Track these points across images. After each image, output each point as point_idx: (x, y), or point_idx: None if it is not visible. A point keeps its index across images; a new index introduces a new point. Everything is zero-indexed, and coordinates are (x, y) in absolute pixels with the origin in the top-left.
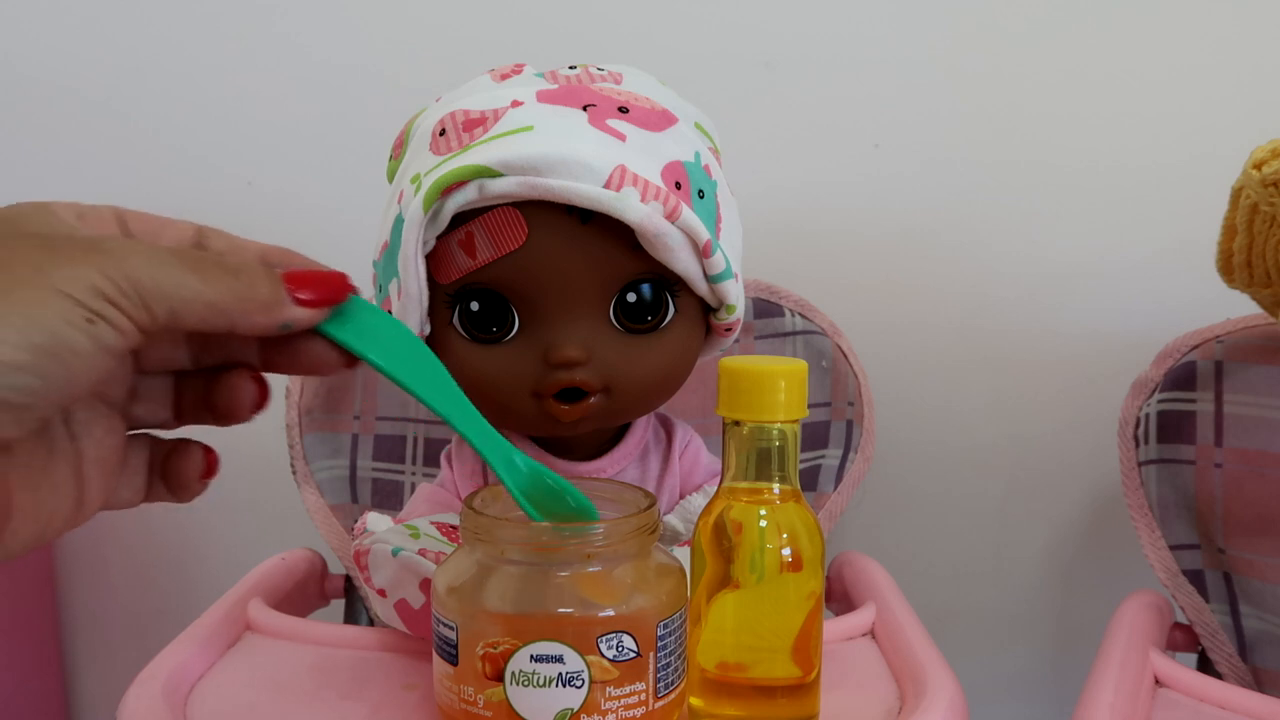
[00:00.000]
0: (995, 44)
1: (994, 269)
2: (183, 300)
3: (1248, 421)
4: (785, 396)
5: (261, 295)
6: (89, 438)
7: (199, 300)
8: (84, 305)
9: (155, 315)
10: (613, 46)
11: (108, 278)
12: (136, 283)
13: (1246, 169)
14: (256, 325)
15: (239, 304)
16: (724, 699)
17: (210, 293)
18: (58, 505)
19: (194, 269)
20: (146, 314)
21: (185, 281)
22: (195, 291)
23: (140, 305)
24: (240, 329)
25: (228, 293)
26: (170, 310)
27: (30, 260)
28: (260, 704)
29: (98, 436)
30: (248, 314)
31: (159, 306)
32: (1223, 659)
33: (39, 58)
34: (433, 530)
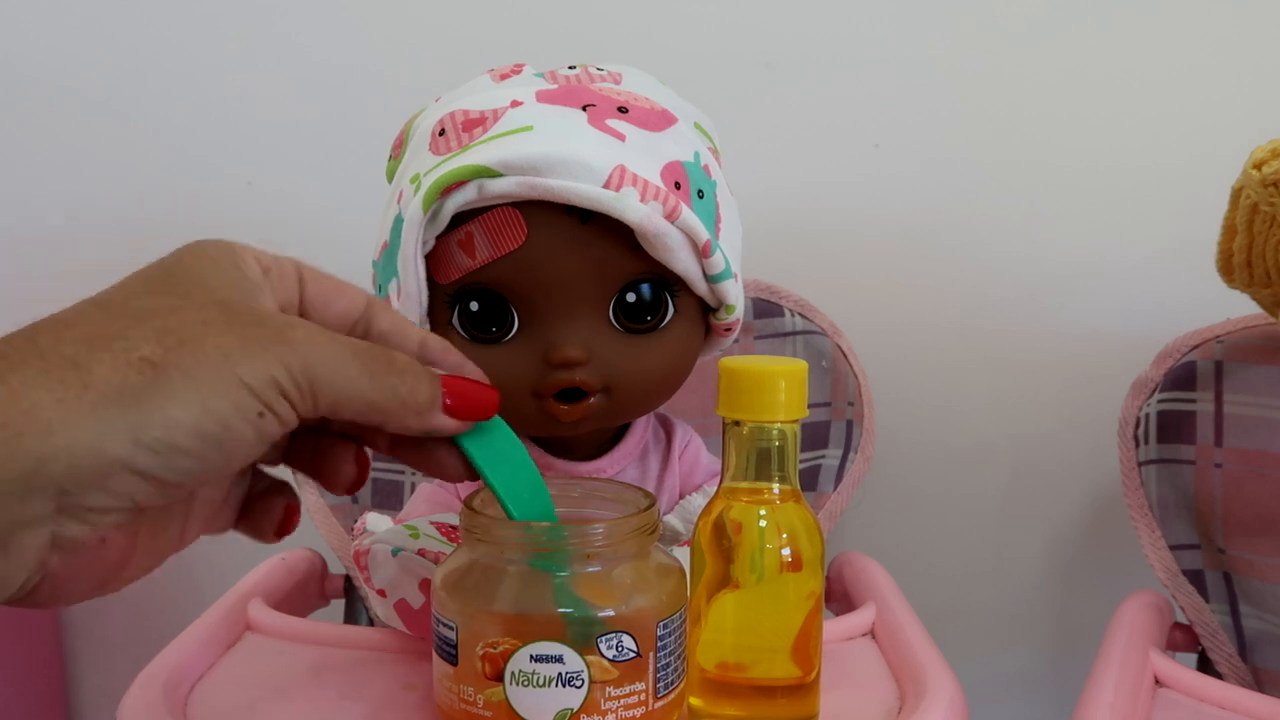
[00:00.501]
0: (995, 44)
1: (994, 269)
2: (348, 397)
3: (1248, 421)
4: (785, 396)
5: (420, 400)
6: (203, 487)
7: (362, 399)
8: (259, 399)
9: (319, 406)
10: (613, 46)
11: (287, 371)
12: (312, 378)
13: (1246, 169)
14: (406, 427)
15: (398, 406)
16: (724, 699)
17: (374, 394)
18: (164, 548)
19: (365, 367)
20: (312, 405)
21: (356, 380)
22: (361, 391)
23: (309, 397)
24: (391, 428)
25: (391, 396)
26: (333, 403)
27: (220, 345)
28: (260, 704)
29: (210, 484)
30: (402, 417)
31: (325, 400)
32: (1223, 659)
33: (39, 58)
34: (433, 530)
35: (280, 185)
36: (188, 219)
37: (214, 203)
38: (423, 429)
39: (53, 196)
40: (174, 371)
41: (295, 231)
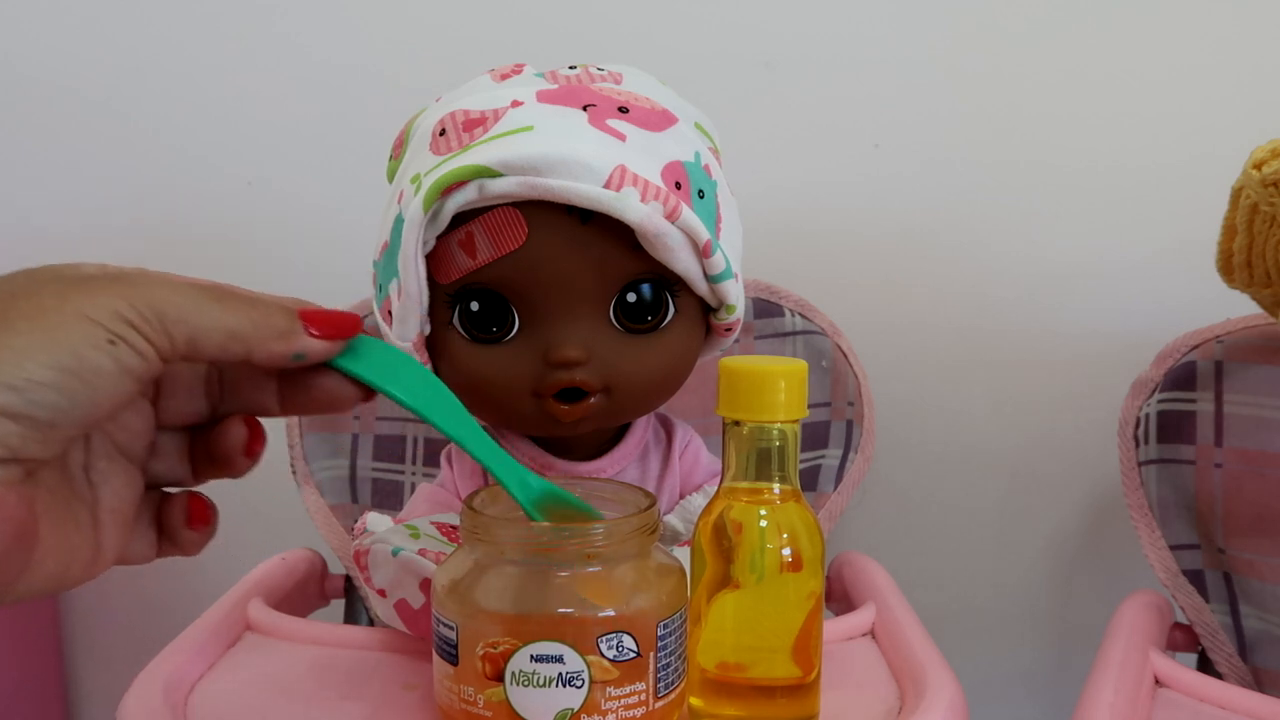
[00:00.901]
0: (995, 44)
1: (994, 269)
2: (202, 327)
3: (1248, 421)
4: (785, 396)
5: (277, 324)
6: (107, 486)
7: (218, 327)
8: (105, 328)
9: (175, 340)
10: (613, 46)
11: (130, 304)
12: (158, 309)
13: (1246, 169)
14: (273, 353)
15: (256, 331)
16: (724, 699)
17: (229, 320)
18: (78, 546)
19: (214, 298)
20: (167, 339)
21: (206, 308)
22: (215, 318)
23: (161, 330)
24: (257, 356)
25: (245, 320)
26: (189, 336)
27: (56, 292)
28: (260, 704)
29: (115, 487)
30: (264, 341)
31: (179, 331)
32: (1223, 659)
33: (39, 58)
34: (433, 530)
35: (280, 185)
36: (188, 219)
37: (214, 203)
38: (289, 351)
39: (53, 196)
40: (14, 316)
41: (295, 231)
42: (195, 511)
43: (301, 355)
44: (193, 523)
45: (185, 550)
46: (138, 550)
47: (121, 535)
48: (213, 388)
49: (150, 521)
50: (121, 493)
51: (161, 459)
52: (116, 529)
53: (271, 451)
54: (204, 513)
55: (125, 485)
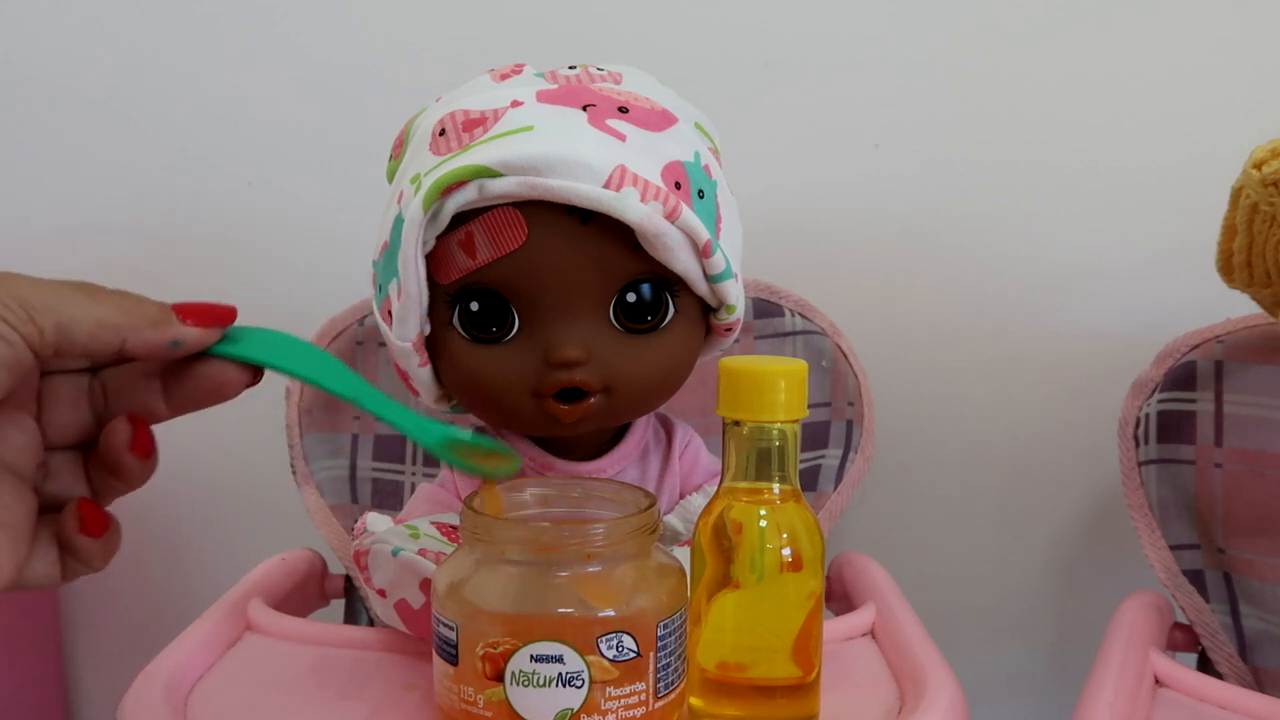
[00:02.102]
0: (995, 44)
1: (994, 269)
2: (71, 317)
3: (1248, 421)
4: (785, 396)
5: (150, 313)
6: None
7: (87, 316)
8: None
9: (43, 330)
10: (613, 46)
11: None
12: (22, 299)
13: (1246, 169)
14: (148, 340)
15: (127, 319)
16: (724, 699)
17: (98, 308)
18: None
19: (81, 290)
20: (34, 328)
21: (72, 298)
22: (83, 307)
23: (26, 319)
24: (132, 344)
25: (115, 308)
26: (58, 325)
27: None
28: (260, 704)
29: (4, 502)
30: (137, 329)
31: (46, 320)
32: (1223, 659)
33: (39, 58)
34: (433, 530)
35: (280, 185)
36: (188, 219)
37: (214, 203)
38: (166, 339)
39: (53, 196)
40: None
41: (295, 231)
42: (87, 517)
43: (178, 342)
44: (85, 528)
45: (89, 563)
46: (40, 570)
47: (14, 552)
48: (96, 398)
49: (51, 541)
50: (12, 508)
51: (57, 479)
52: (9, 545)
53: (271, 451)
54: (97, 518)
55: (15, 501)
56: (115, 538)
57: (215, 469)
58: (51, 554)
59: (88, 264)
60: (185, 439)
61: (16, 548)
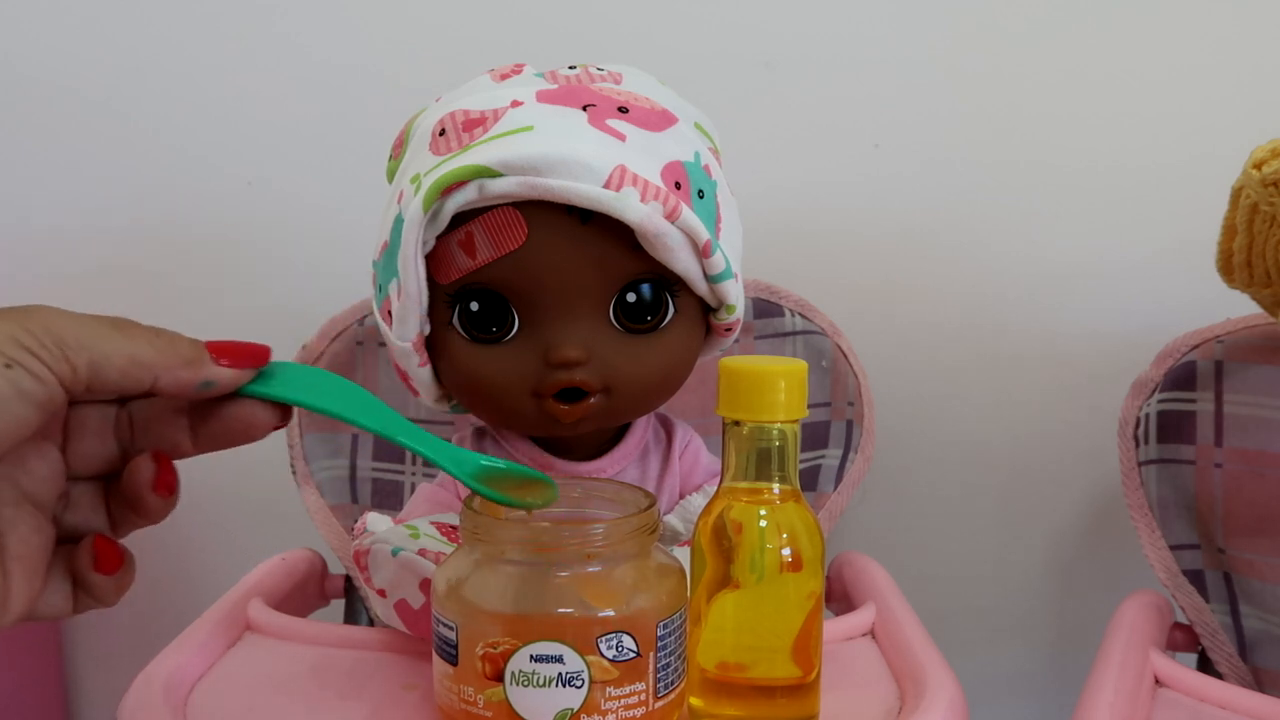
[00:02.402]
0: (995, 44)
1: (994, 269)
2: (104, 353)
3: (1248, 421)
4: (785, 396)
5: (183, 351)
6: (13, 534)
7: (120, 352)
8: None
9: (76, 367)
10: (613, 46)
11: (26, 329)
12: (56, 335)
13: (1246, 169)
14: (180, 380)
15: (160, 357)
16: (724, 699)
17: (131, 346)
18: None
19: (116, 327)
20: (67, 365)
21: (107, 335)
22: (117, 345)
23: (60, 357)
24: (164, 383)
25: (149, 347)
26: (91, 362)
27: None
28: (260, 704)
29: (22, 534)
30: (170, 368)
31: (79, 358)
32: (1223, 659)
33: (39, 58)
34: (433, 530)
35: (280, 185)
36: (188, 219)
37: (214, 203)
38: (197, 379)
39: (53, 196)
40: None
41: (295, 231)
42: (102, 553)
43: (210, 383)
44: (100, 565)
45: (101, 599)
46: (53, 602)
47: (29, 584)
48: (123, 430)
49: (65, 573)
50: (30, 540)
51: (76, 510)
52: (24, 577)
53: (272, 452)
54: (112, 555)
55: (33, 532)
56: (128, 574)
57: (215, 469)
58: (65, 587)
59: (88, 264)
60: None
61: (31, 581)
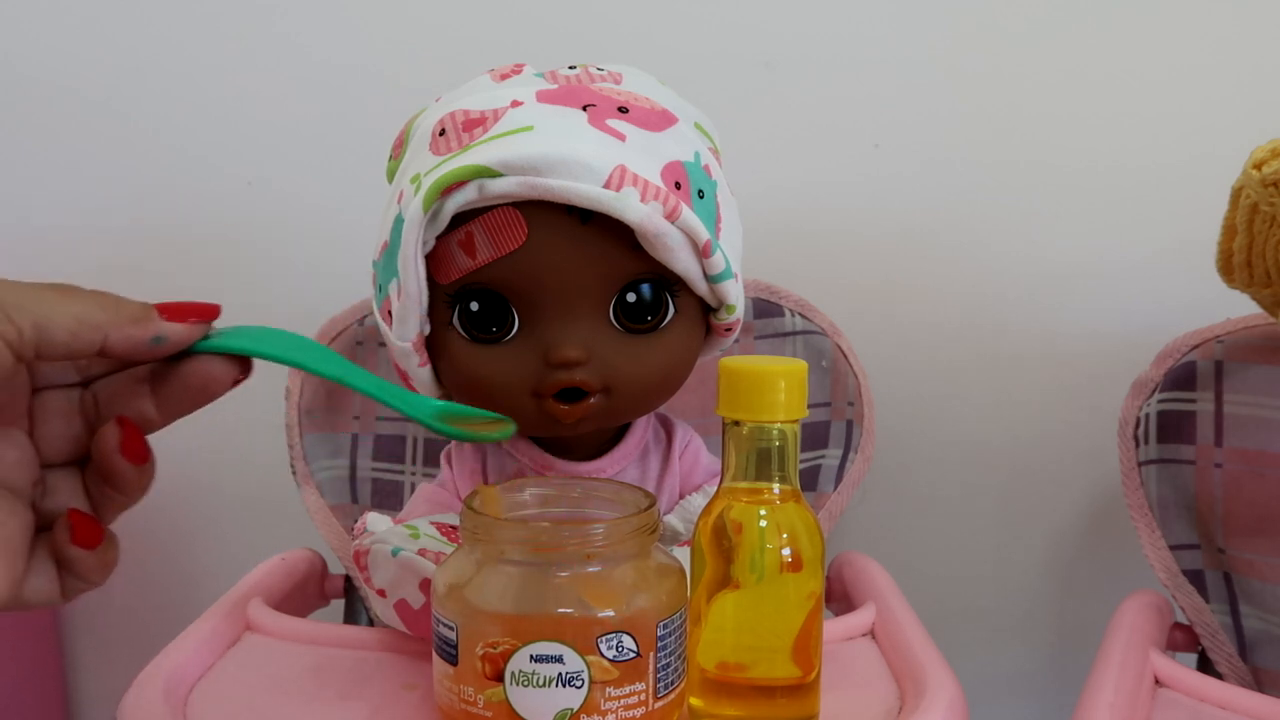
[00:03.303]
0: (995, 44)
1: (994, 269)
2: (47, 315)
3: (1248, 421)
4: (785, 396)
5: (131, 310)
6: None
7: (66, 314)
8: None
9: (21, 329)
10: (613, 46)
11: None
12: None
13: (1246, 169)
14: (130, 337)
15: (108, 315)
16: (724, 699)
17: (77, 306)
18: None
19: (59, 289)
20: (11, 327)
21: (50, 298)
22: (62, 306)
23: (4, 318)
24: (114, 341)
25: (95, 306)
26: (35, 324)
27: None
28: (260, 704)
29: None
30: (119, 325)
31: (23, 319)
32: (1223, 659)
33: (39, 58)
34: (433, 530)
35: (280, 185)
36: (188, 219)
37: (214, 203)
38: (149, 335)
39: (53, 196)
40: None
41: (295, 231)
42: (78, 526)
43: (161, 338)
44: (77, 538)
45: (86, 577)
46: (38, 586)
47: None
48: (88, 409)
49: (49, 557)
50: (6, 523)
51: (55, 496)
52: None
53: (272, 452)
54: (89, 527)
55: (9, 515)
56: (112, 551)
57: (215, 469)
58: (50, 571)
59: (88, 264)
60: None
61: (12, 563)
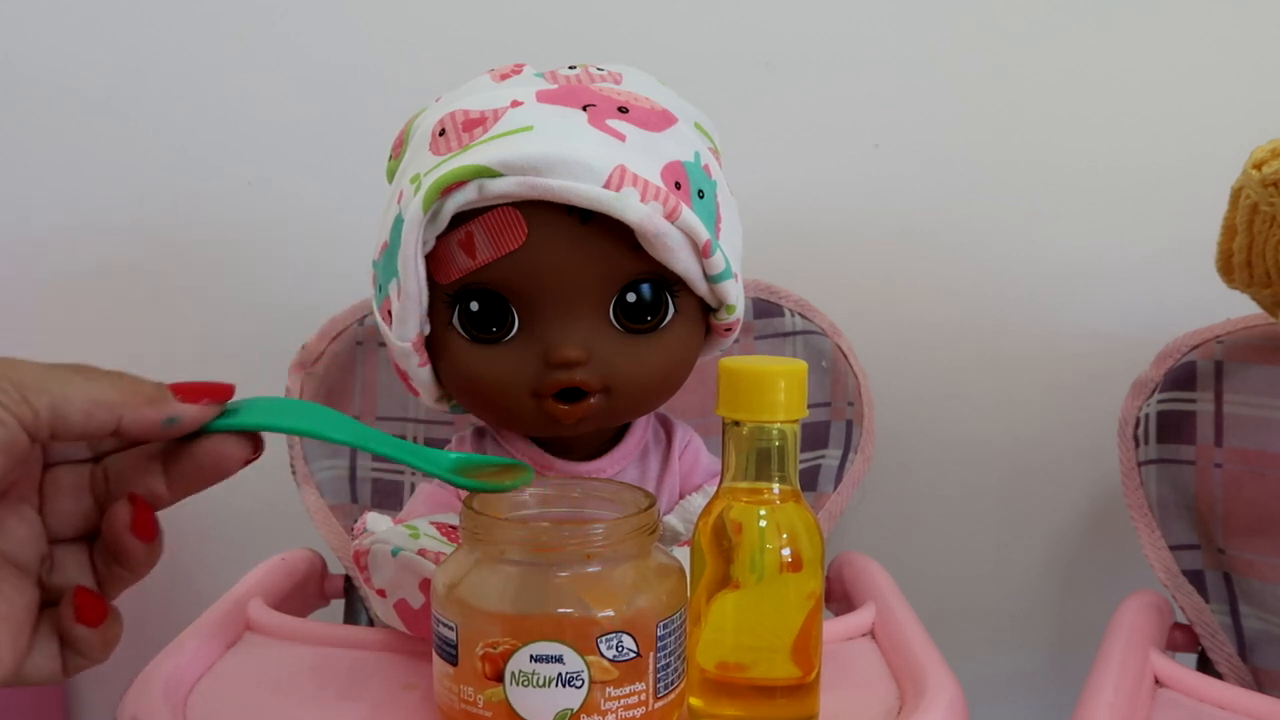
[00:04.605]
0: (995, 44)
1: (994, 269)
2: (64, 395)
3: (1248, 421)
4: (785, 396)
5: (146, 390)
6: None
7: (82, 394)
8: None
9: (37, 410)
10: (613, 46)
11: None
12: (16, 380)
13: (1246, 169)
14: (144, 418)
15: (123, 397)
16: (724, 699)
17: (93, 387)
18: None
19: (76, 371)
20: (28, 408)
21: (66, 378)
22: (77, 386)
23: (20, 399)
24: (128, 423)
25: (110, 387)
26: (52, 405)
27: None
28: (260, 704)
29: (5, 593)
30: (134, 407)
31: (40, 400)
32: (1223, 659)
33: (39, 58)
34: (433, 530)
35: (280, 185)
36: (188, 219)
37: (214, 203)
38: (161, 416)
39: (53, 196)
40: None
41: (295, 231)
42: (83, 605)
43: (174, 419)
44: (82, 616)
45: (88, 654)
46: (40, 664)
47: (14, 645)
48: (98, 486)
49: (51, 634)
50: (13, 600)
51: (61, 572)
52: (9, 637)
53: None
54: (94, 605)
55: (16, 593)
56: (115, 627)
57: None
58: (52, 648)
59: (88, 264)
60: None
61: (16, 640)
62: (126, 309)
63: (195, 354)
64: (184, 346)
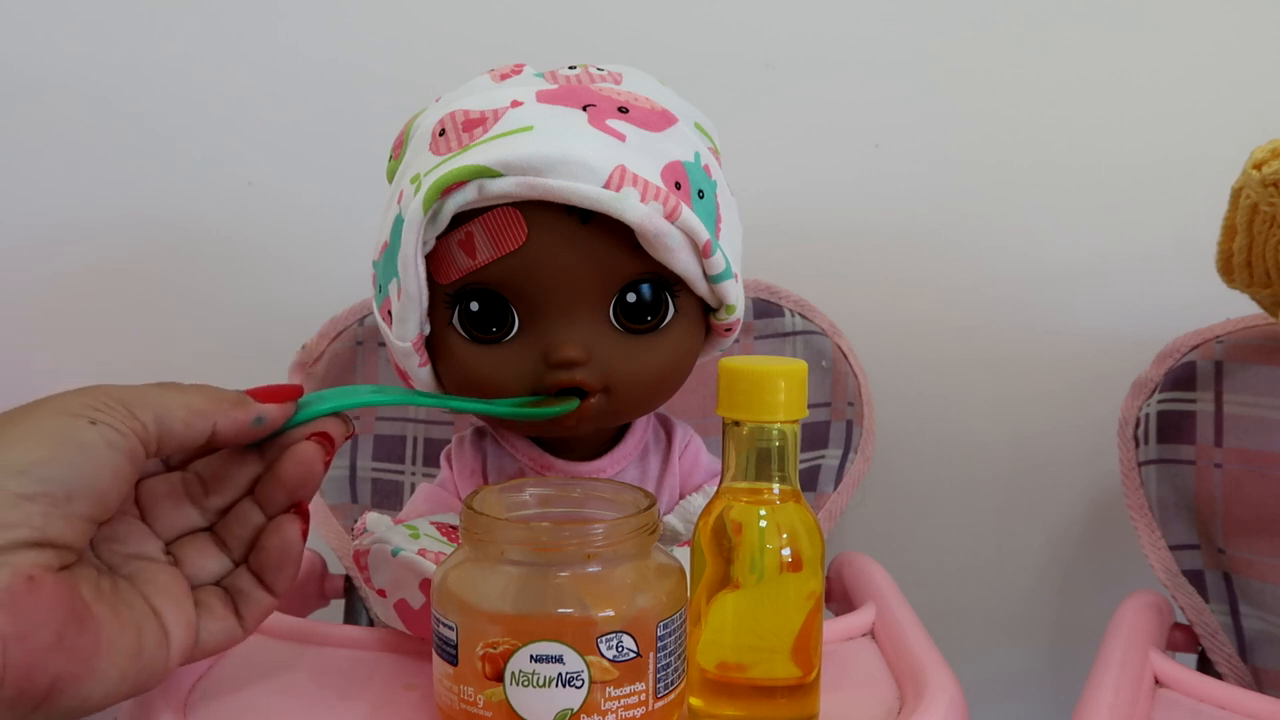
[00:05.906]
0: (995, 44)
1: (994, 269)
2: (166, 408)
3: (1248, 422)
4: (785, 396)
5: (230, 396)
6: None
7: (179, 405)
8: (83, 415)
9: (145, 424)
10: (613, 46)
11: (94, 398)
12: (121, 398)
13: (1246, 169)
14: (235, 420)
15: (213, 404)
16: (724, 699)
17: (187, 398)
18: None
19: (166, 387)
20: (137, 422)
21: (162, 393)
22: (173, 399)
23: (129, 414)
24: (221, 429)
25: (200, 397)
26: (156, 417)
27: (34, 404)
28: (260, 704)
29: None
30: (224, 412)
31: (145, 414)
32: (1223, 659)
33: (39, 58)
34: (433, 530)
35: (280, 185)
36: (188, 219)
37: (214, 203)
38: (251, 416)
39: (53, 196)
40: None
41: (295, 231)
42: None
43: (261, 419)
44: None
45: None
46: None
47: (184, 614)
48: (194, 491)
49: (225, 602)
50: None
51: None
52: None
53: None
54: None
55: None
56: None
57: None
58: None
59: (88, 264)
60: None
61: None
62: (126, 309)
63: (195, 354)
64: (184, 346)
